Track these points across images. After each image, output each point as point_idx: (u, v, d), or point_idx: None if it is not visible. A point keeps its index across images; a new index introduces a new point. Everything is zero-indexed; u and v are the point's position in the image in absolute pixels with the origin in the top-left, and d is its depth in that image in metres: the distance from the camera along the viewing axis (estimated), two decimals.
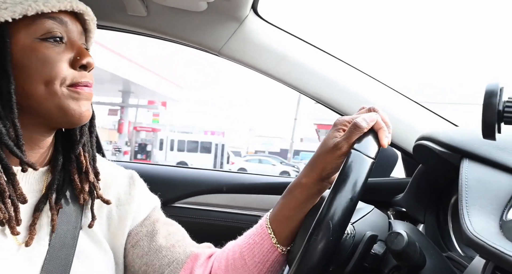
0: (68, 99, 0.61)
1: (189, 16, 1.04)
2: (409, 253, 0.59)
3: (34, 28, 0.59)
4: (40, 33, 0.60)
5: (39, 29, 0.60)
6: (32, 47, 0.59)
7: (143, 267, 0.75)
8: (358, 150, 0.61)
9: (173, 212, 1.29)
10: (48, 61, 0.59)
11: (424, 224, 0.87)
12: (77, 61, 0.62)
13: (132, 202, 0.76)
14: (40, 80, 0.59)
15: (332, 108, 1.08)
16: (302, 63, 1.06)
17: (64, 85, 0.61)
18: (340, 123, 0.69)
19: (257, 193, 1.28)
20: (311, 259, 0.57)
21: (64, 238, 0.66)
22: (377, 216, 0.73)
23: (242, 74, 52.54)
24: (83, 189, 0.69)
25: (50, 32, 0.60)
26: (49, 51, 0.60)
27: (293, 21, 47.40)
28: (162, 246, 0.75)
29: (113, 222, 0.74)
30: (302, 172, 0.71)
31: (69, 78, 0.61)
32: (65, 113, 0.61)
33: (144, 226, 0.77)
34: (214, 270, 0.75)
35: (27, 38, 0.59)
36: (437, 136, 0.74)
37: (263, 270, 0.72)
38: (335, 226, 0.57)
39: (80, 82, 0.62)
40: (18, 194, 0.59)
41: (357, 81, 1.08)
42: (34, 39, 0.59)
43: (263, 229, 0.73)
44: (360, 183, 0.59)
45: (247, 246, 0.73)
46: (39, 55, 0.59)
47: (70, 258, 0.65)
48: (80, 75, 0.62)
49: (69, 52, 0.62)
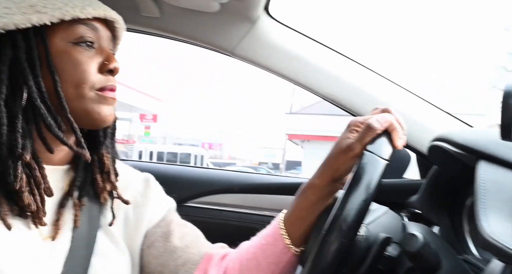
0: (94, 103, 0.64)
1: (202, 16, 1.04)
2: (424, 254, 0.59)
3: (69, 32, 0.63)
4: (73, 37, 0.63)
5: (73, 34, 0.63)
6: (66, 50, 0.63)
7: (158, 267, 0.76)
8: (371, 151, 0.61)
9: (185, 211, 1.29)
10: (79, 65, 0.63)
11: (438, 226, 0.86)
12: (105, 66, 0.65)
13: (148, 204, 0.77)
14: (71, 82, 0.63)
15: (345, 109, 1.07)
16: (314, 63, 1.06)
17: (93, 89, 0.64)
18: (353, 124, 0.68)
19: (269, 193, 1.28)
20: (324, 260, 0.57)
21: (84, 235, 0.68)
22: (391, 218, 0.72)
23: (243, 83, 52.59)
24: (104, 188, 0.71)
25: (83, 37, 0.64)
26: (81, 55, 0.63)
27: (305, 21, 47.38)
28: (176, 247, 0.76)
29: (130, 223, 0.76)
30: (314, 173, 0.71)
31: (97, 82, 0.64)
32: (91, 116, 0.65)
33: (159, 227, 0.78)
34: (229, 271, 0.75)
35: (62, 41, 0.63)
36: (452, 137, 0.73)
37: (276, 270, 0.72)
38: (348, 227, 0.56)
39: (107, 86, 0.66)
40: (46, 187, 0.61)
41: (370, 82, 1.07)
42: (68, 42, 0.63)
43: (276, 229, 0.73)
44: (374, 185, 0.58)
45: (260, 247, 0.73)
46: (71, 58, 0.63)
47: (89, 255, 0.67)
48: (106, 80, 0.66)
49: (98, 56, 0.66)
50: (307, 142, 17.40)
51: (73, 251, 0.65)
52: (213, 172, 1.40)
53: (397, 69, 12.78)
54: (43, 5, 0.60)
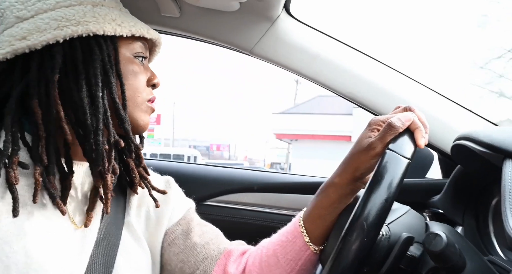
0: (143, 111, 0.71)
1: (222, 16, 1.05)
2: (448, 254, 0.58)
3: (132, 47, 0.70)
4: (135, 51, 0.70)
5: (135, 48, 0.70)
6: (130, 61, 0.69)
7: (179, 264, 0.78)
8: (393, 150, 0.60)
9: (205, 210, 1.31)
10: (138, 76, 0.70)
11: (462, 226, 0.84)
12: (151, 80, 0.73)
13: (169, 203, 0.80)
14: (130, 90, 0.69)
15: (366, 108, 1.06)
16: (335, 62, 1.05)
17: (145, 100, 0.71)
18: (374, 122, 0.68)
19: (288, 193, 1.28)
20: (345, 260, 0.57)
21: (111, 227, 0.70)
22: (413, 217, 0.71)
23: (253, 84, 52.42)
24: (141, 177, 0.75)
25: (142, 51, 0.71)
26: (139, 67, 0.71)
27: (327, 19, 46.79)
28: (196, 244, 0.78)
29: (151, 222, 0.78)
30: (335, 172, 0.71)
31: (147, 93, 0.72)
32: (137, 123, 0.70)
33: (179, 225, 0.80)
34: (248, 267, 0.76)
35: (127, 52, 0.69)
36: (477, 135, 0.71)
37: (295, 268, 0.73)
38: (369, 227, 0.56)
39: (152, 98, 0.73)
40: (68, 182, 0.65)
41: (392, 80, 1.06)
42: (131, 54, 0.70)
43: (296, 227, 0.73)
44: (395, 184, 0.57)
45: (280, 244, 0.74)
46: (133, 68, 0.70)
47: (115, 249, 0.69)
48: (151, 92, 0.73)
49: (145, 72, 0.73)
50: (295, 141, 17.30)
51: (100, 241, 0.68)
52: (233, 171, 1.40)
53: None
54: (122, 21, 0.68)
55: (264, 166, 24.52)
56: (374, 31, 32.58)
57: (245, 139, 19.23)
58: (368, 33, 30.15)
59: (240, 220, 1.29)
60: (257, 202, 1.30)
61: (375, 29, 33.38)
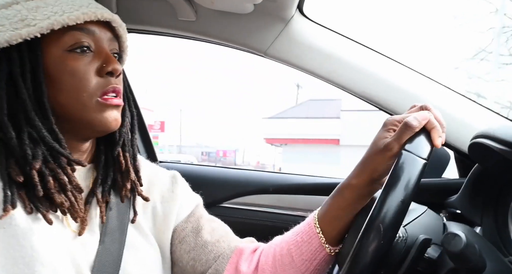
0: (96, 112, 0.64)
1: (236, 18, 1.06)
2: (468, 255, 0.57)
3: (62, 40, 0.62)
4: (68, 44, 0.62)
5: (68, 41, 0.62)
6: (61, 59, 0.62)
7: (190, 262, 0.78)
8: (409, 150, 0.59)
9: (221, 212, 1.32)
10: (76, 73, 0.62)
11: (481, 226, 0.83)
12: (103, 69, 0.64)
13: (176, 199, 0.79)
14: (71, 91, 0.62)
15: (381, 107, 1.06)
16: (349, 62, 1.05)
17: (94, 97, 0.64)
18: (390, 123, 0.67)
19: (304, 194, 1.28)
20: (362, 262, 0.56)
21: (114, 229, 0.69)
22: (431, 218, 0.71)
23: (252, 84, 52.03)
24: (124, 186, 0.71)
25: (77, 42, 0.63)
26: (77, 62, 0.63)
27: (341, 18, 46.21)
28: (207, 241, 0.78)
29: (158, 218, 0.77)
30: (352, 173, 0.70)
31: (97, 88, 0.64)
32: (93, 125, 0.65)
33: (189, 222, 0.80)
34: (261, 265, 0.76)
35: (57, 50, 0.62)
36: (496, 133, 0.70)
37: (310, 268, 0.72)
38: (386, 229, 0.55)
39: (108, 89, 0.65)
40: (74, 185, 0.63)
41: (406, 79, 1.05)
42: (63, 51, 0.62)
43: (311, 227, 0.73)
44: (412, 185, 0.57)
45: (294, 243, 0.74)
46: (68, 68, 0.62)
47: (121, 248, 0.69)
48: (106, 82, 0.65)
49: (97, 60, 0.65)
50: (285, 145, 17.25)
51: (104, 245, 0.67)
52: (248, 173, 1.41)
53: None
54: (33, 17, 0.60)
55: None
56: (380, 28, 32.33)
57: (256, 144, 19.13)
58: (377, 30, 29.92)
59: (256, 222, 1.29)
60: (273, 203, 1.30)
61: (382, 26, 33.12)
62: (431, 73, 1.04)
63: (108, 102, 0.65)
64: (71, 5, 0.63)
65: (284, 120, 17.13)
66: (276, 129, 16.92)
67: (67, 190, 0.62)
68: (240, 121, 42.48)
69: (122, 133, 0.71)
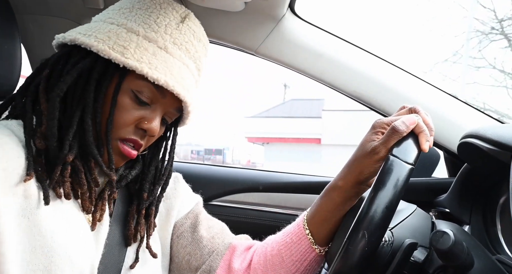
0: (111, 149, 0.65)
1: (227, 16, 1.05)
2: (456, 252, 0.57)
3: (136, 82, 0.65)
4: (136, 87, 0.65)
5: (137, 85, 0.65)
6: (125, 94, 0.65)
7: (186, 256, 0.80)
8: (396, 155, 0.59)
9: (211, 210, 1.30)
10: (124, 110, 0.65)
11: (469, 225, 0.84)
12: (141, 123, 0.67)
13: (178, 196, 0.82)
14: (108, 118, 0.64)
15: (371, 107, 1.06)
16: (340, 61, 1.05)
17: (117, 137, 0.65)
18: (378, 125, 0.67)
19: (294, 192, 1.28)
20: (346, 268, 0.56)
21: (121, 223, 0.72)
22: (419, 219, 0.71)
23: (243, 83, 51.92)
24: (136, 232, 0.73)
25: (142, 91, 0.65)
26: (131, 103, 0.65)
27: (332, 18, 45.88)
28: (203, 237, 0.80)
29: (161, 214, 0.80)
30: (339, 174, 0.71)
31: (124, 132, 0.66)
32: (100, 157, 0.65)
33: (188, 218, 0.82)
34: (254, 264, 0.77)
35: (126, 86, 0.65)
36: (484, 133, 0.71)
37: (300, 268, 0.73)
38: (370, 236, 0.56)
39: (131, 138, 0.66)
40: (93, 178, 0.65)
41: (397, 79, 1.05)
42: (129, 88, 0.65)
43: (300, 229, 0.74)
44: (397, 192, 0.57)
45: (284, 244, 0.74)
46: (122, 102, 0.65)
47: (127, 240, 0.71)
48: (134, 133, 0.67)
49: (147, 113, 0.67)
50: (266, 144, 17.40)
51: (111, 241, 0.69)
52: (239, 171, 1.40)
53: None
54: (132, 53, 0.63)
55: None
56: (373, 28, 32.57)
57: (246, 143, 18.96)
58: (369, 30, 30.15)
59: (246, 220, 1.29)
60: (263, 201, 1.30)
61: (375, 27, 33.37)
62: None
63: (122, 148, 0.66)
64: (168, 69, 0.65)
65: (266, 119, 17.23)
66: (258, 128, 17.00)
67: (83, 183, 0.64)
68: (229, 119, 42.41)
69: (155, 191, 0.74)
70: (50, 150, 0.61)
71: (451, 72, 12.64)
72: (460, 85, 9.07)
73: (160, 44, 0.66)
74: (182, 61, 0.68)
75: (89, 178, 0.64)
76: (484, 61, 9.22)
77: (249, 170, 1.44)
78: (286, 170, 1.37)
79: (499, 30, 8.92)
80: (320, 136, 15.53)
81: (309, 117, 16.41)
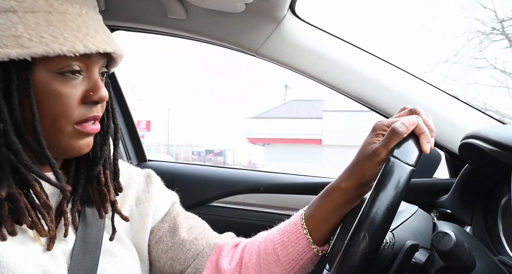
0: (71, 137, 0.61)
1: (228, 17, 1.05)
2: (457, 253, 0.57)
3: (54, 62, 0.57)
4: (58, 67, 0.58)
5: (58, 64, 0.58)
6: (48, 81, 0.57)
7: (169, 261, 0.77)
8: (396, 157, 0.59)
9: (211, 211, 1.31)
10: (60, 98, 0.58)
11: (471, 226, 0.84)
12: (89, 97, 0.61)
13: (152, 200, 0.77)
14: (50, 115, 0.58)
15: (372, 108, 1.06)
16: (340, 62, 1.05)
17: (71, 123, 0.60)
18: (378, 127, 0.67)
19: (295, 193, 1.28)
20: (347, 270, 0.56)
21: (88, 238, 0.67)
22: (420, 220, 0.71)
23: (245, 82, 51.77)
24: (103, 203, 0.69)
25: (69, 66, 0.58)
26: (64, 87, 0.58)
27: (333, 19, 45.39)
28: (185, 240, 0.77)
29: (135, 220, 0.75)
30: (341, 176, 0.70)
31: (77, 116, 0.60)
32: (65, 150, 0.62)
33: (165, 222, 0.78)
34: (245, 262, 0.76)
35: (44, 72, 0.57)
36: (486, 133, 0.71)
37: (296, 267, 0.73)
38: (371, 238, 0.55)
39: (88, 117, 0.61)
40: (42, 203, 0.60)
41: (398, 80, 1.05)
42: (51, 72, 0.58)
43: (298, 228, 0.73)
44: (398, 193, 0.57)
45: (281, 243, 0.74)
46: (52, 91, 0.58)
47: (96, 257, 0.66)
48: (88, 111, 0.61)
49: (85, 84, 0.61)
50: (267, 145, 17.42)
51: (77, 255, 0.64)
52: (239, 172, 1.40)
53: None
54: (29, 37, 0.54)
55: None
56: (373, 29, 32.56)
57: (247, 144, 18.80)
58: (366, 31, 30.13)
59: (246, 221, 1.29)
60: (264, 202, 1.30)
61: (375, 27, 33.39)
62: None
63: (84, 130, 0.61)
64: (76, 31, 0.57)
65: (267, 120, 17.25)
66: (259, 129, 17.01)
67: (30, 213, 0.58)
68: (230, 120, 42.39)
69: (104, 152, 0.68)
70: None
71: (451, 72, 12.68)
72: (461, 85, 9.08)
73: (45, 7, 0.56)
74: (78, 12, 0.59)
75: (37, 205, 0.59)
76: (485, 62, 9.23)
77: (250, 171, 1.44)
78: (287, 171, 1.37)
79: (500, 30, 8.92)
80: (321, 137, 15.55)
81: (309, 117, 16.43)
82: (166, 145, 24.77)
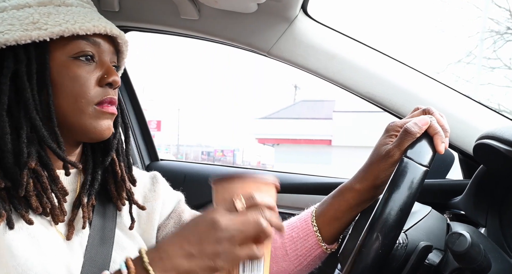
0: (92, 118, 0.64)
1: (240, 17, 1.06)
2: (473, 255, 0.57)
3: (69, 47, 0.63)
4: (73, 52, 0.63)
5: (73, 49, 0.64)
6: (65, 65, 0.63)
7: None
8: (410, 157, 0.59)
9: None
10: (77, 79, 0.63)
11: (485, 227, 0.83)
12: (103, 79, 0.65)
13: (158, 198, 0.79)
14: (70, 96, 0.63)
15: (385, 108, 1.05)
16: (353, 62, 1.05)
17: (91, 104, 0.64)
18: (391, 128, 0.67)
19: (304, 193, 1.27)
20: (360, 271, 0.56)
21: (102, 232, 0.69)
22: (433, 221, 0.70)
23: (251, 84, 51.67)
24: (120, 196, 0.71)
25: (83, 51, 0.64)
26: (80, 69, 0.64)
27: (345, 19, 44.89)
28: None
29: (142, 218, 0.77)
30: (355, 177, 0.70)
31: (95, 96, 0.65)
32: (88, 131, 0.65)
33: (171, 218, 0.80)
34: None
35: (62, 56, 0.63)
36: (501, 134, 0.70)
37: (303, 263, 0.74)
38: (384, 239, 0.55)
39: (105, 98, 0.65)
40: (59, 187, 0.63)
41: (411, 80, 1.04)
42: (68, 57, 0.63)
43: (308, 225, 0.74)
44: (412, 194, 0.56)
45: (290, 238, 0.74)
46: (70, 73, 0.63)
47: (109, 251, 0.68)
48: (104, 92, 0.66)
49: (98, 70, 0.66)
50: (277, 145, 17.35)
51: (91, 247, 0.66)
52: (249, 172, 1.41)
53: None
54: (45, 22, 0.62)
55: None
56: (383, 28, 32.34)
57: (256, 144, 18.67)
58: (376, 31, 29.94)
59: None
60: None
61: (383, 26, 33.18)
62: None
63: (104, 110, 0.65)
64: (83, 16, 0.64)
65: (277, 121, 17.24)
66: (268, 129, 17.01)
67: (49, 193, 0.61)
68: (240, 121, 42.45)
69: (115, 142, 0.71)
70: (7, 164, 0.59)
71: (464, 73, 12.56)
72: (474, 86, 8.97)
73: (55, 1, 0.65)
74: (81, 6, 0.67)
75: (54, 189, 0.62)
76: (499, 62, 9.10)
77: (259, 170, 1.44)
78: (296, 171, 1.37)
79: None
80: (331, 137, 15.50)
81: (319, 118, 16.39)
82: (176, 145, 24.88)
